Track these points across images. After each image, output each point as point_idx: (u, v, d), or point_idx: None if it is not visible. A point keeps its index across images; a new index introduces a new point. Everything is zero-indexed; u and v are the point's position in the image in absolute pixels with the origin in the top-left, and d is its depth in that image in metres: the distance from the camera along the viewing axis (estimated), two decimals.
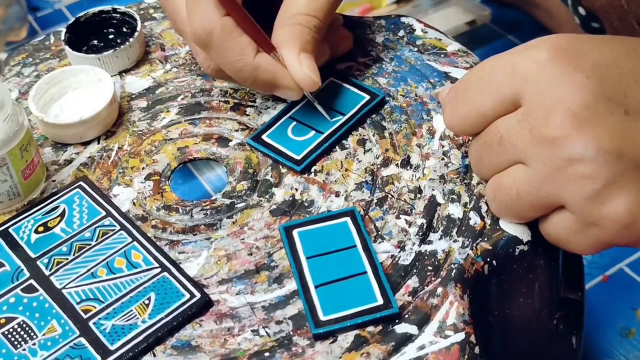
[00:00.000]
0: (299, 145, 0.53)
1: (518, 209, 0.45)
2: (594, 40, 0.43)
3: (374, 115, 0.55)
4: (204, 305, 0.45)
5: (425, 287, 0.45)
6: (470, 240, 0.47)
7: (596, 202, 0.41)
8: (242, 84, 0.55)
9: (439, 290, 0.44)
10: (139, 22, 0.61)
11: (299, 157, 0.52)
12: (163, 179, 0.53)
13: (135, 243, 0.48)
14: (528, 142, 0.42)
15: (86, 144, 0.55)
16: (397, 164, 0.52)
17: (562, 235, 0.44)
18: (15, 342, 0.43)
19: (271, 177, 0.52)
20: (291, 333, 0.43)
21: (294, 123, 0.54)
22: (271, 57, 0.51)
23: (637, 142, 0.40)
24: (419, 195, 0.50)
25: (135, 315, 0.44)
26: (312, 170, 0.52)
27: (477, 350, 0.42)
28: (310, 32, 0.52)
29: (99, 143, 0.56)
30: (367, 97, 0.56)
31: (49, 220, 0.50)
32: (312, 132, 0.54)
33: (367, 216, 0.49)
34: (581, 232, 0.43)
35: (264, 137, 0.54)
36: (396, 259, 0.46)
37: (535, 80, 0.42)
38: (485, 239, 0.47)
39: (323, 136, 0.53)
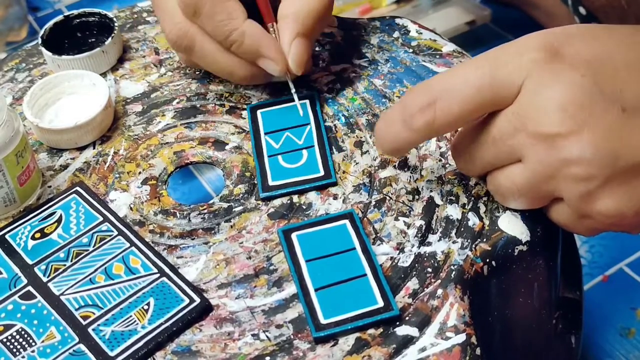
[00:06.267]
0: (307, 166, 0.51)
1: (520, 204, 0.46)
2: (583, 35, 0.43)
3: (370, 117, 0.55)
4: (204, 310, 0.45)
5: (425, 289, 0.45)
6: (469, 241, 0.47)
7: (589, 200, 0.42)
8: (222, 63, 0.54)
9: (439, 291, 0.44)
10: (112, 16, 0.61)
11: (322, 173, 0.51)
12: (160, 184, 0.53)
13: (133, 248, 0.48)
14: (524, 142, 0.42)
15: (82, 149, 0.55)
16: (394, 166, 0.51)
17: (562, 221, 0.46)
18: (14, 350, 0.43)
19: None
20: (292, 337, 0.43)
21: (280, 157, 0.52)
22: (261, 27, 0.52)
23: (633, 142, 0.41)
24: (417, 197, 0.50)
25: (135, 320, 0.44)
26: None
27: (478, 351, 0.42)
28: (314, 17, 0.52)
29: (94, 148, 0.55)
30: (306, 100, 0.56)
31: (45, 227, 0.49)
32: (305, 151, 0.53)
33: (365, 218, 0.49)
34: (577, 221, 0.44)
35: (270, 183, 0.51)
36: (395, 261, 0.46)
37: (530, 79, 0.42)
38: (484, 240, 0.47)
39: (317, 147, 0.53)
